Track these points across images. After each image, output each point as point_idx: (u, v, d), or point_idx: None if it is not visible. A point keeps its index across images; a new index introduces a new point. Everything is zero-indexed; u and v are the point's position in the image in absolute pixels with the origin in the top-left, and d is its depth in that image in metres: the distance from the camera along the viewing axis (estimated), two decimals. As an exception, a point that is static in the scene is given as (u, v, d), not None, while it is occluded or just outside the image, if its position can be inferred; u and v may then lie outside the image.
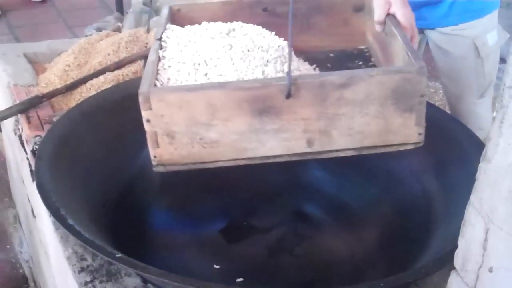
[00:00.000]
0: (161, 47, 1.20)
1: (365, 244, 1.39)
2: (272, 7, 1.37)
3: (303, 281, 1.32)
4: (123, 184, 1.42)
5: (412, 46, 1.15)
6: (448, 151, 1.35)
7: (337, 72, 1.07)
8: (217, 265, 1.33)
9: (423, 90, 1.04)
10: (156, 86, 1.09)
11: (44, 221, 1.45)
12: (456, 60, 1.73)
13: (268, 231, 1.46)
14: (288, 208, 1.53)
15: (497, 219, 0.74)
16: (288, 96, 1.00)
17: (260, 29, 1.25)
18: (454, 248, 0.83)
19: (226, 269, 1.32)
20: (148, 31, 1.93)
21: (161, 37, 1.23)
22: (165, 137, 1.03)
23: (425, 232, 1.25)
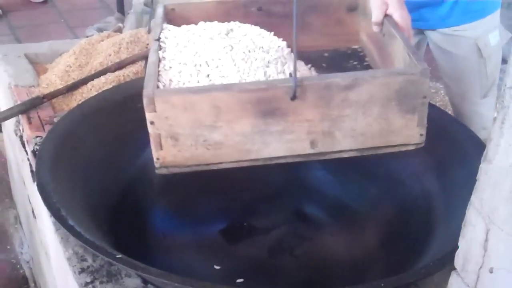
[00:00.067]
0: (160, 47, 1.19)
1: (365, 244, 1.39)
2: (266, 6, 1.36)
3: (303, 282, 1.32)
4: (124, 185, 1.42)
5: (414, 48, 1.15)
6: (449, 151, 1.35)
7: (342, 74, 1.06)
8: (217, 265, 1.33)
9: (425, 91, 1.05)
10: (158, 87, 1.08)
11: (44, 221, 1.45)
12: (458, 60, 1.73)
13: (269, 231, 1.46)
14: (288, 208, 1.53)
15: (497, 220, 0.74)
16: (294, 97, 1.00)
17: (259, 29, 1.25)
18: (455, 248, 0.83)
19: (227, 269, 1.32)
20: (149, 31, 1.93)
21: (159, 38, 1.22)
22: (169, 139, 1.02)
23: (425, 232, 1.25)
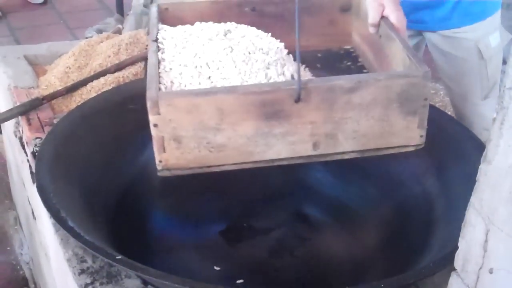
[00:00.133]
0: (158, 48, 1.19)
1: (365, 245, 1.39)
2: (259, 7, 1.36)
3: (303, 282, 1.32)
4: (124, 186, 1.42)
5: (413, 50, 1.15)
6: (448, 152, 1.35)
7: (345, 77, 1.06)
8: (217, 266, 1.33)
9: (427, 94, 1.05)
10: (160, 90, 1.08)
11: (44, 223, 1.45)
12: (459, 62, 1.72)
13: (269, 232, 1.46)
14: (288, 209, 1.53)
15: (497, 221, 0.74)
16: (298, 100, 1.00)
17: (256, 30, 1.24)
18: (455, 249, 0.83)
19: (227, 270, 1.32)
20: (148, 33, 1.93)
21: (157, 38, 1.21)
22: (172, 141, 1.01)
23: (425, 233, 1.25)
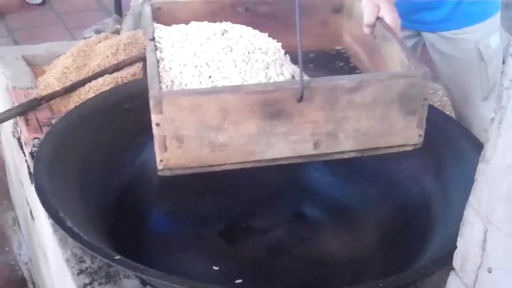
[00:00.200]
0: (156, 48, 1.18)
1: (364, 245, 1.39)
2: (252, 7, 1.36)
3: (302, 282, 1.32)
4: (122, 186, 1.42)
5: (411, 50, 1.16)
6: (447, 152, 1.35)
7: (347, 76, 1.07)
8: (216, 266, 1.33)
9: (426, 93, 1.06)
10: (161, 89, 1.07)
11: (43, 223, 1.45)
12: (459, 64, 1.72)
13: (267, 232, 1.46)
14: (287, 209, 1.53)
15: (496, 220, 0.74)
16: (300, 99, 1.00)
17: (252, 30, 1.24)
18: (453, 248, 0.84)
19: (225, 270, 1.32)
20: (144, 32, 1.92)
21: (154, 38, 1.21)
22: (174, 141, 1.01)
23: (424, 232, 1.25)
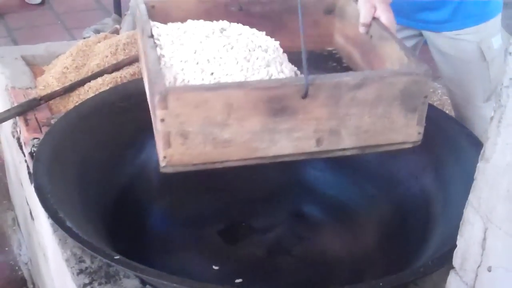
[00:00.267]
0: (155, 44, 1.17)
1: (364, 244, 1.39)
2: (246, 6, 1.36)
3: (302, 281, 1.32)
4: (122, 186, 1.42)
5: (411, 49, 1.16)
6: (446, 150, 1.35)
7: (351, 73, 1.08)
8: (216, 266, 1.33)
9: (427, 91, 1.06)
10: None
11: (42, 223, 1.45)
12: (461, 64, 1.72)
13: (267, 231, 1.46)
14: (286, 208, 1.53)
15: (495, 219, 0.74)
16: (305, 96, 1.00)
17: (250, 28, 1.25)
18: (453, 247, 0.84)
19: (225, 270, 1.32)
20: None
21: (152, 35, 1.20)
22: (178, 137, 1.00)
23: (423, 231, 1.25)
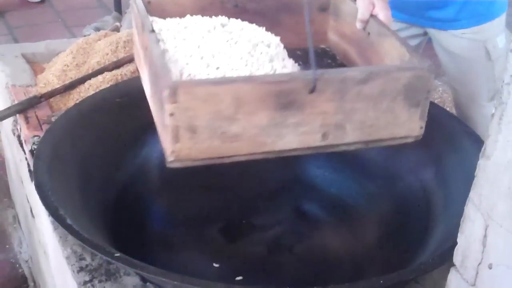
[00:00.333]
0: (157, 39, 1.16)
1: (364, 241, 1.39)
2: (242, 3, 1.36)
3: (302, 279, 1.32)
4: (122, 184, 1.42)
5: (411, 46, 1.16)
6: (447, 148, 1.35)
7: (357, 68, 1.10)
8: (216, 263, 1.33)
9: (430, 86, 1.07)
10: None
11: (43, 221, 1.45)
12: (467, 63, 1.72)
13: (268, 229, 1.46)
14: (287, 206, 1.53)
15: (496, 216, 0.74)
16: (313, 90, 1.01)
17: (248, 24, 1.25)
18: (454, 245, 0.83)
19: (226, 267, 1.32)
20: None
21: (153, 30, 1.19)
22: (186, 131, 0.99)
23: (424, 229, 1.25)
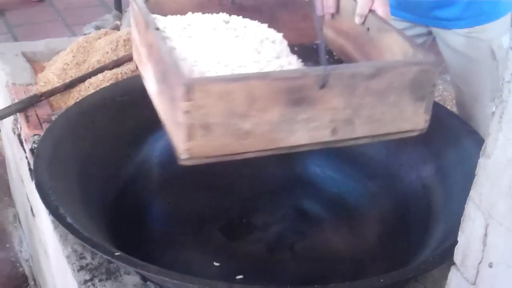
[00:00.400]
0: (163, 37, 1.16)
1: (365, 240, 1.39)
2: (239, 0, 1.36)
3: (303, 278, 1.32)
4: (122, 182, 1.42)
5: (414, 40, 1.17)
6: (448, 146, 1.35)
7: (366, 63, 1.12)
8: (216, 262, 1.32)
9: (435, 80, 1.08)
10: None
11: (43, 220, 1.45)
12: (471, 62, 1.72)
13: (268, 228, 1.46)
14: (287, 205, 1.53)
15: (497, 215, 0.74)
16: (323, 86, 1.01)
17: (250, 21, 1.25)
18: (454, 243, 0.83)
19: (226, 266, 1.32)
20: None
21: (158, 27, 1.19)
22: (200, 129, 0.99)
23: (424, 227, 1.25)
